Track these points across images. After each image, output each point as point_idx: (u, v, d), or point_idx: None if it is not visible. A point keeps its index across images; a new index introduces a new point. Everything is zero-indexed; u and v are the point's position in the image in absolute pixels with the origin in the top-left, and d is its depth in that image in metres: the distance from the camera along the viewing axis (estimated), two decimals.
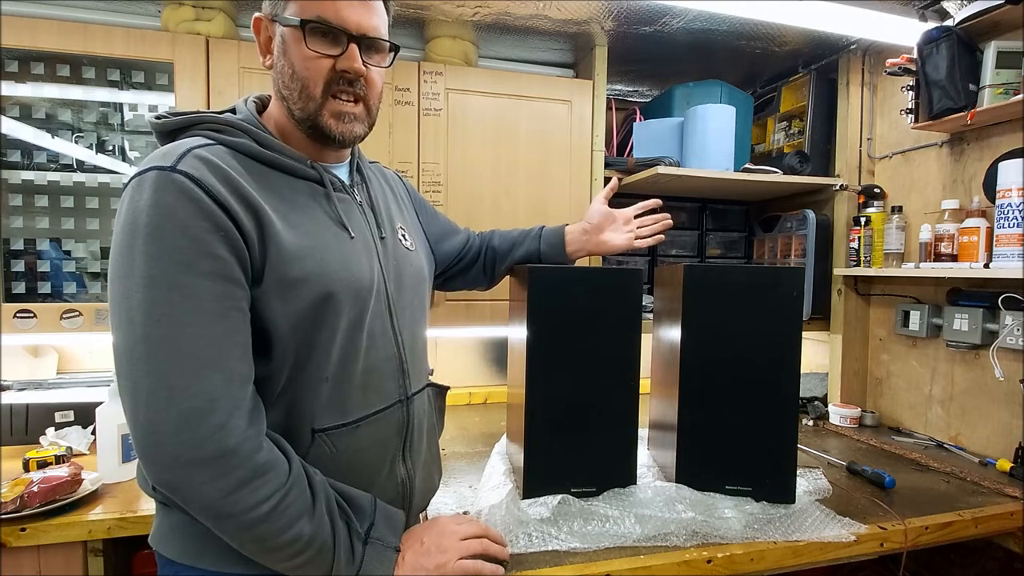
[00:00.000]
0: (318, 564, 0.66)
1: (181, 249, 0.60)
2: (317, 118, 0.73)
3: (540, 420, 1.01)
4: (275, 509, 0.62)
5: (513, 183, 1.56)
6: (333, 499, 0.69)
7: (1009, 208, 1.25)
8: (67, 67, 1.35)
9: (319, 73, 0.72)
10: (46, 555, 1.02)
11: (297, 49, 0.71)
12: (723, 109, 1.61)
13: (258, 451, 0.62)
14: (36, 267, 1.35)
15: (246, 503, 0.61)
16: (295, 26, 0.70)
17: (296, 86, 0.72)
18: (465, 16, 1.47)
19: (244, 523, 0.61)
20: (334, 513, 0.68)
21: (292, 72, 0.72)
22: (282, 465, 0.64)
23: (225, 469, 0.60)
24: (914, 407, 1.61)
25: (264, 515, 0.61)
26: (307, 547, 0.64)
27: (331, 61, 0.72)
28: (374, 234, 0.81)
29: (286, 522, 0.63)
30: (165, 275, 0.59)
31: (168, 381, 0.59)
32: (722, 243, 1.98)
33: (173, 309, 0.59)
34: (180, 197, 0.60)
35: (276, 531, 0.62)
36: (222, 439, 0.59)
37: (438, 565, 0.74)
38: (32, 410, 1.38)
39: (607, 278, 1.04)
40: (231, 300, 0.63)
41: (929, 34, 1.35)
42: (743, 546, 0.93)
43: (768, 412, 1.04)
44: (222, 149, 0.68)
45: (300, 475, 0.66)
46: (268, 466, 0.63)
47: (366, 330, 0.75)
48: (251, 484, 0.61)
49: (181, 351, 0.59)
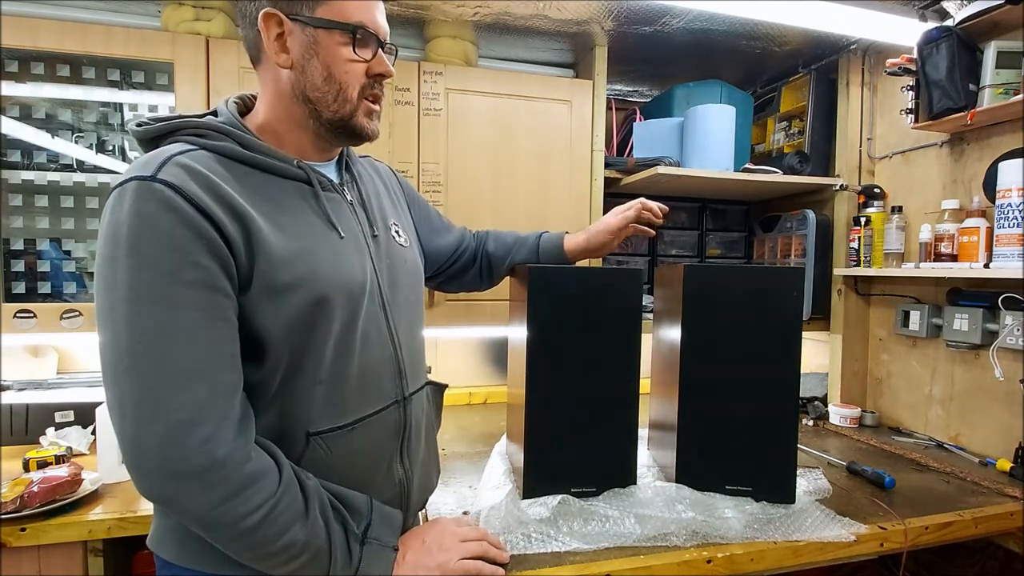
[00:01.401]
0: (315, 567, 0.66)
1: (163, 259, 0.59)
2: (352, 119, 0.75)
3: (540, 420, 1.01)
4: (267, 518, 0.62)
5: (513, 183, 1.56)
6: (327, 502, 0.68)
7: (1009, 208, 1.25)
8: (67, 67, 1.35)
9: (357, 77, 0.74)
10: (46, 555, 1.02)
11: (336, 52, 0.72)
12: (723, 109, 1.61)
13: (247, 461, 0.62)
14: (36, 267, 1.35)
15: (237, 513, 0.60)
16: (338, 29, 0.71)
17: (331, 89, 0.73)
18: (465, 16, 1.47)
19: (236, 533, 0.61)
20: (328, 516, 0.67)
21: (327, 75, 0.72)
22: (272, 473, 0.64)
23: (213, 481, 0.59)
24: (914, 407, 1.61)
25: (256, 524, 0.61)
26: (302, 552, 0.64)
27: (366, 65, 0.74)
28: (366, 233, 0.80)
29: (279, 529, 0.63)
30: (148, 287, 0.59)
31: (154, 394, 0.58)
32: (722, 243, 1.98)
33: (157, 321, 0.59)
34: (160, 207, 0.60)
35: (270, 538, 0.62)
36: (209, 451, 0.59)
37: (440, 564, 0.74)
38: (32, 410, 1.38)
39: (607, 278, 1.04)
40: (216, 309, 0.62)
41: (929, 34, 1.35)
42: (743, 546, 0.93)
43: (768, 412, 1.04)
44: (205, 154, 0.67)
45: (291, 481, 0.65)
46: (257, 475, 0.62)
47: (360, 331, 0.74)
48: (241, 495, 0.61)
49: (166, 364, 0.59)
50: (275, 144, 0.74)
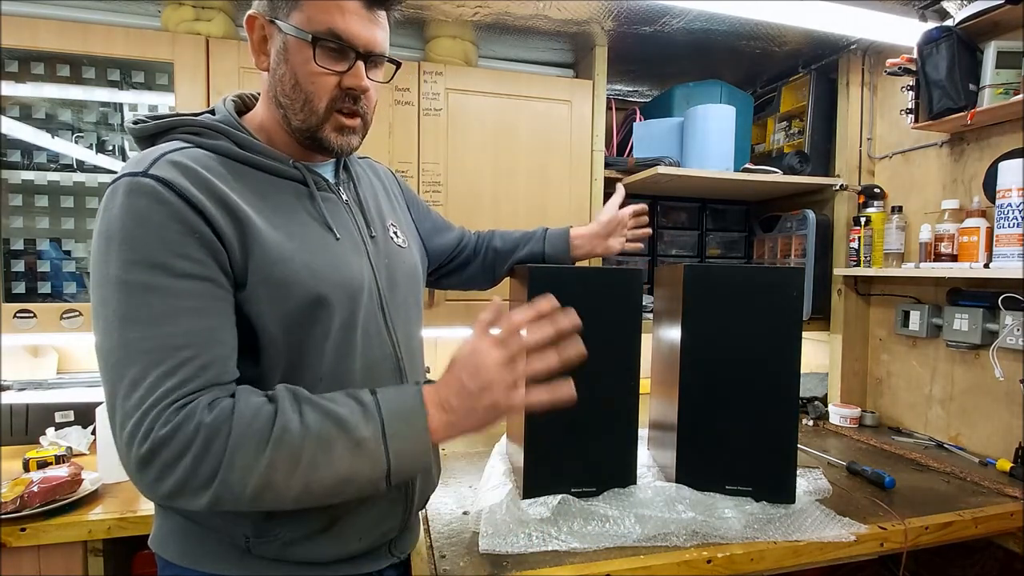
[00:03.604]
0: (360, 463, 0.60)
1: (156, 252, 0.59)
2: (318, 131, 0.73)
3: (540, 420, 1.01)
4: (272, 466, 0.56)
5: (513, 183, 1.56)
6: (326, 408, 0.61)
7: (1009, 208, 1.25)
8: (67, 67, 1.35)
9: (324, 89, 0.70)
10: (46, 555, 1.02)
11: (303, 62, 0.69)
12: (723, 109, 1.61)
13: (210, 413, 0.57)
14: (36, 267, 1.35)
15: (244, 471, 0.56)
16: (299, 38, 0.68)
17: (298, 98, 0.71)
18: (465, 16, 1.47)
19: (256, 490, 0.56)
20: (337, 417, 0.60)
21: (295, 83, 0.70)
22: (264, 413, 0.58)
23: (202, 453, 0.56)
24: (914, 407, 1.61)
25: (264, 479, 0.56)
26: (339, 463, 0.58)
27: (337, 78, 0.70)
28: (363, 233, 0.80)
29: (303, 472, 0.58)
30: (140, 279, 0.58)
31: (146, 384, 0.56)
32: (722, 243, 1.98)
33: (149, 312, 0.58)
34: (151, 201, 0.59)
35: (305, 481, 0.58)
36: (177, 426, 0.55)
37: (493, 404, 0.62)
38: (32, 410, 1.38)
39: (607, 278, 1.04)
40: (210, 297, 0.61)
41: (929, 34, 1.35)
42: (743, 546, 0.93)
43: (768, 412, 1.04)
44: (200, 152, 0.67)
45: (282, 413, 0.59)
46: (247, 426, 0.57)
47: (360, 329, 0.74)
48: (238, 454, 0.56)
49: (158, 353, 0.57)
50: (270, 144, 0.74)
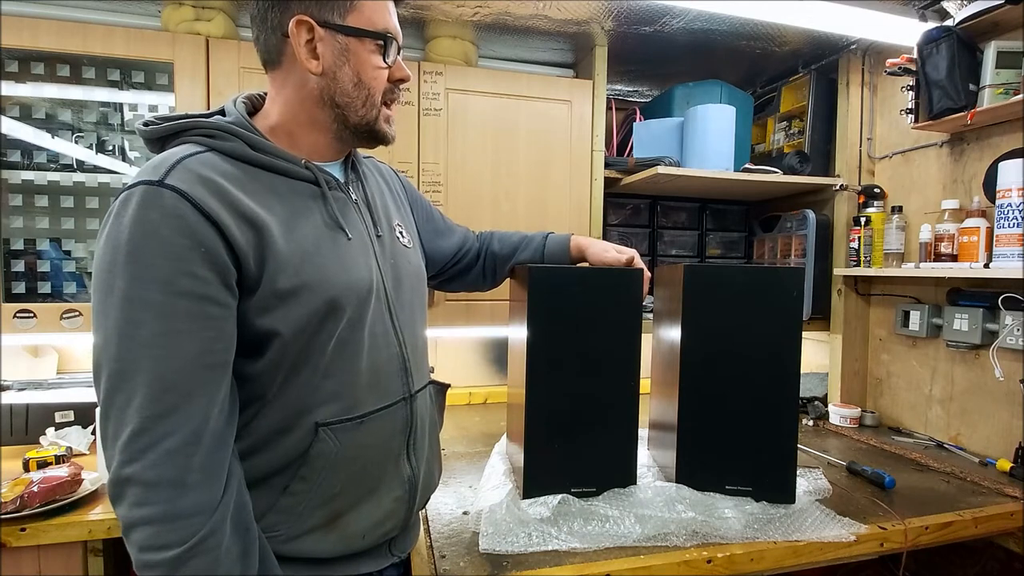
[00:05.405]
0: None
1: (160, 268, 0.59)
2: (375, 123, 0.78)
3: (540, 420, 1.01)
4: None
5: (513, 183, 1.56)
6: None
7: (1009, 208, 1.25)
8: (67, 67, 1.35)
9: (382, 83, 0.77)
10: (46, 555, 1.02)
11: (367, 59, 0.74)
12: (723, 109, 1.61)
13: (183, 490, 0.59)
14: (36, 267, 1.35)
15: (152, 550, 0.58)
16: (369, 37, 0.73)
17: (360, 95, 0.75)
18: (465, 16, 1.47)
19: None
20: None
21: (358, 81, 0.74)
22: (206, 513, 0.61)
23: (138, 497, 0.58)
24: (914, 407, 1.61)
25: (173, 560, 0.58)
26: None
27: (388, 71, 0.77)
28: (371, 232, 0.81)
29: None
30: (141, 295, 0.59)
31: (132, 404, 0.58)
32: (722, 243, 1.98)
33: (145, 330, 0.59)
34: (163, 214, 0.60)
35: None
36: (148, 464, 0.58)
37: None
38: (32, 410, 1.38)
39: (607, 278, 1.04)
40: (205, 319, 0.62)
41: (929, 34, 1.35)
42: (743, 546, 0.93)
43: (768, 412, 1.04)
44: (214, 156, 0.67)
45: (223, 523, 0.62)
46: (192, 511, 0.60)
47: (367, 329, 0.75)
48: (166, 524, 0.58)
49: (148, 375, 0.59)
50: (288, 145, 0.75)
